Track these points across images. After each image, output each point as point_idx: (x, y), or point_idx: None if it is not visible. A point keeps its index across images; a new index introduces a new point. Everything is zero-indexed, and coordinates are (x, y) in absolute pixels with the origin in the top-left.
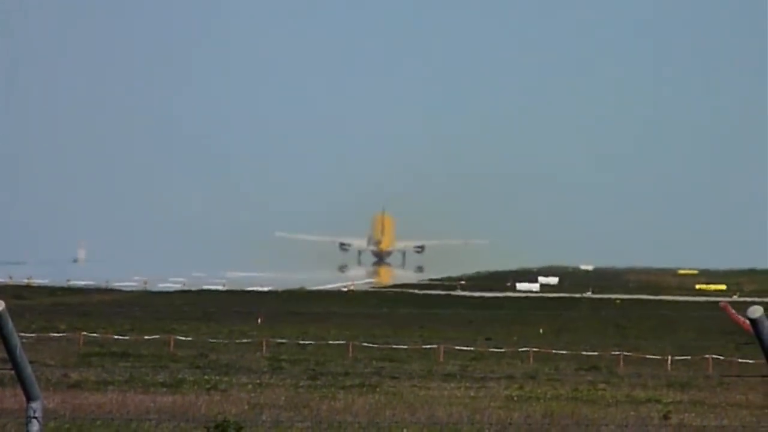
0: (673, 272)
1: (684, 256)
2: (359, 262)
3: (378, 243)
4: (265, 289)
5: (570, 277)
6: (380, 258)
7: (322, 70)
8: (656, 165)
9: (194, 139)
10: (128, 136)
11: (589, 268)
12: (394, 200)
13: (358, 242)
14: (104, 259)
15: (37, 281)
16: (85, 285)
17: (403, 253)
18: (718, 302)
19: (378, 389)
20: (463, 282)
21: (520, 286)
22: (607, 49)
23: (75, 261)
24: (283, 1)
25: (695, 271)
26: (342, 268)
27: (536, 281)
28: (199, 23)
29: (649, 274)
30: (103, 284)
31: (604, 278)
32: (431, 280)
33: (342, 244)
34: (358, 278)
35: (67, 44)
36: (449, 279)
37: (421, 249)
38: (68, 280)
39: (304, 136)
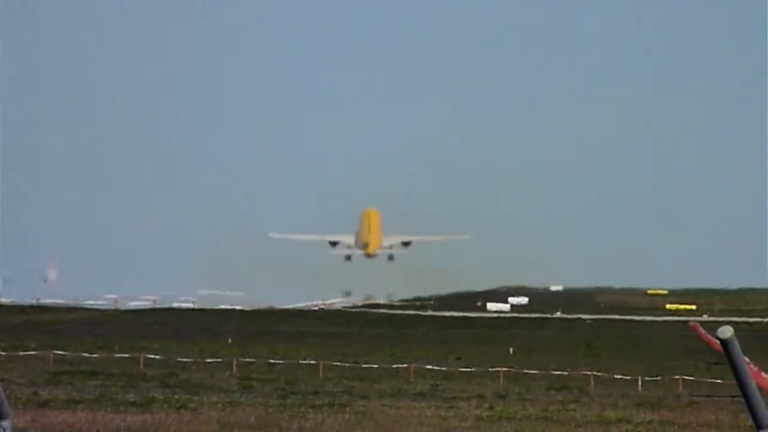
0: (642, 292)
1: (653, 277)
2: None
3: (365, 246)
4: (236, 307)
5: (540, 298)
6: (368, 256)
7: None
8: (624, 186)
9: (169, 148)
10: (98, 147)
11: (559, 288)
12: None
13: (347, 239)
14: (75, 277)
15: (6, 299)
16: (55, 303)
17: (390, 246)
18: (687, 322)
19: (348, 408)
20: (433, 302)
21: (490, 306)
22: (587, 66)
23: (45, 280)
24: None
25: (665, 291)
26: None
27: (506, 301)
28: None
29: (618, 294)
30: (73, 302)
31: (574, 298)
32: (402, 300)
33: (331, 242)
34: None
35: (31, 52)
36: (420, 299)
37: (408, 244)
38: (38, 299)
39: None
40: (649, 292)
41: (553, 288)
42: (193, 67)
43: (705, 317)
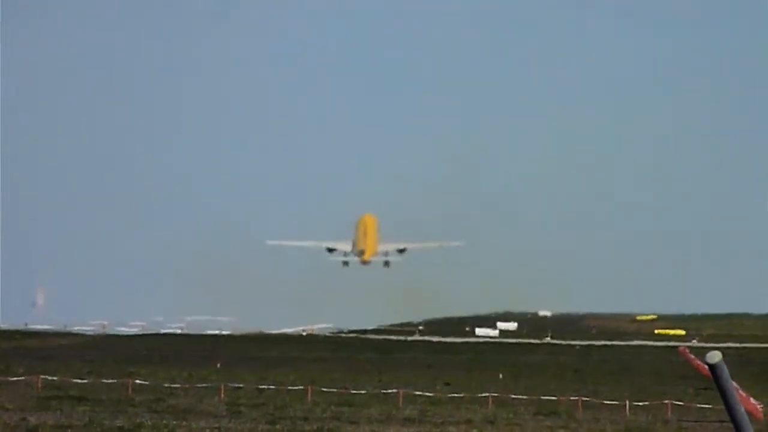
0: (631, 318)
1: (642, 302)
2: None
3: (361, 253)
4: (224, 332)
5: (529, 323)
6: (364, 263)
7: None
8: (613, 211)
9: (159, 168)
10: (86, 171)
11: (548, 313)
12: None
13: (344, 245)
14: (63, 303)
15: None
16: (43, 328)
17: (386, 253)
18: (676, 347)
19: None
20: (421, 327)
21: (479, 331)
22: (583, 86)
23: (33, 305)
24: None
25: (654, 317)
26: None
27: (495, 327)
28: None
29: (607, 320)
30: (61, 328)
31: (562, 324)
32: (391, 325)
33: (329, 249)
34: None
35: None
36: (408, 324)
37: (403, 251)
38: (26, 324)
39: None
40: (638, 317)
41: (542, 313)
42: (186, 76)
43: (694, 342)
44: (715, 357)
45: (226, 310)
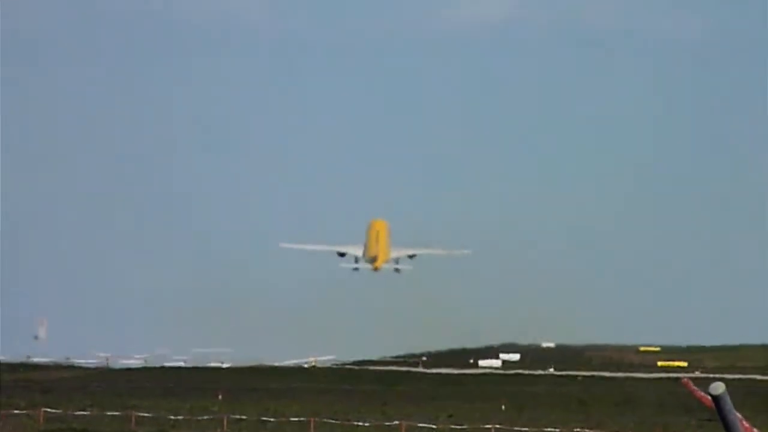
0: (634, 349)
1: (645, 333)
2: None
3: (373, 260)
4: (226, 365)
5: (531, 354)
6: (375, 270)
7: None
8: (616, 243)
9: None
10: (88, 202)
11: (551, 345)
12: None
13: (354, 249)
14: (65, 335)
15: None
16: (45, 361)
17: (397, 260)
18: (679, 379)
19: None
20: (425, 358)
21: (482, 362)
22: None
23: (35, 338)
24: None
25: (657, 348)
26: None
27: (498, 358)
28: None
29: (610, 351)
30: (63, 360)
31: (565, 355)
32: (394, 356)
33: (339, 253)
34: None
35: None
36: (411, 355)
37: (413, 257)
38: (28, 356)
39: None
40: (641, 348)
41: (545, 345)
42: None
43: (697, 374)
44: (718, 388)
45: (228, 342)
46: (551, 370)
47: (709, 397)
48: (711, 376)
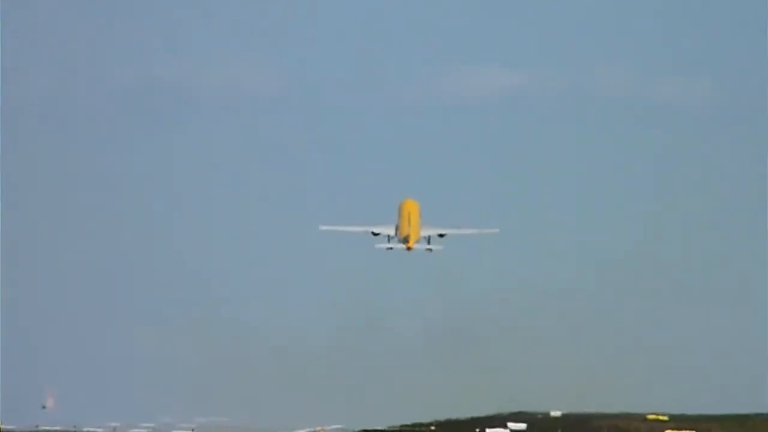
0: (642, 417)
1: (653, 401)
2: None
3: (406, 240)
4: None
5: (539, 423)
6: (408, 249)
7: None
8: (624, 310)
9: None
10: (94, 267)
11: (558, 414)
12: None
13: (387, 230)
14: (73, 404)
15: (7, 426)
16: (54, 430)
17: (428, 239)
18: None
19: None
20: (433, 427)
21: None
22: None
23: (43, 407)
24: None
25: (665, 417)
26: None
27: (505, 427)
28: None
29: (618, 419)
30: (71, 429)
31: (573, 424)
32: (402, 425)
33: (374, 233)
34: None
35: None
36: (420, 424)
37: (443, 236)
38: (37, 426)
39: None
40: (649, 416)
41: (553, 414)
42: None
43: None
44: None
45: (234, 410)
46: None
47: None
48: None
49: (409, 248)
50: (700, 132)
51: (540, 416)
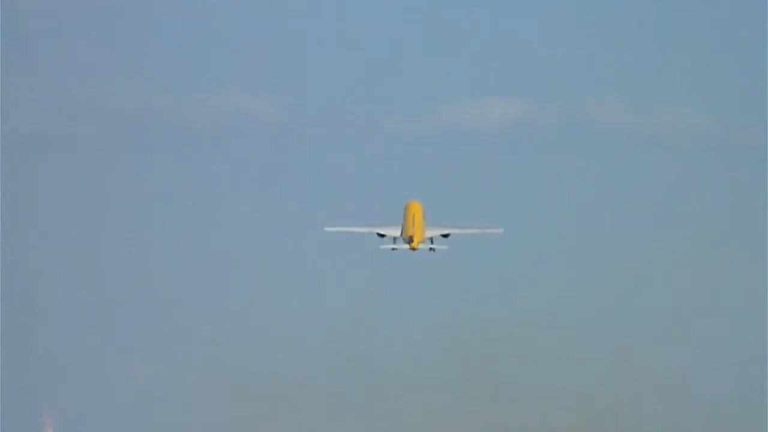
0: None
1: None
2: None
3: (410, 240)
4: None
5: None
6: (413, 249)
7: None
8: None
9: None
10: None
11: None
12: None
13: (393, 231)
14: None
15: None
16: None
17: (431, 239)
18: None
19: None
20: None
21: None
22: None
23: None
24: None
25: None
26: None
27: None
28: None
29: None
30: None
31: None
32: None
33: (379, 234)
34: None
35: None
36: None
37: (447, 236)
38: None
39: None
40: None
41: None
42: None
43: None
44: None
45: None
46: None
47: None
48: None
49: (413, 248)
50: (699, 164)
51: None
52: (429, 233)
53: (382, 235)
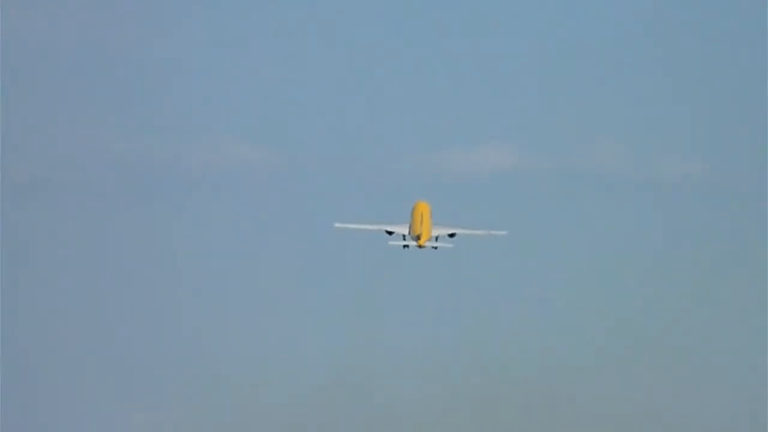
0: None
1: None
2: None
3: (417, 238)
4: None
5: None
6: (420, 247)
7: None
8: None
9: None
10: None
11: None
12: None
13: (401, 229)
14: None
15: None
16: None
17: (436, 238)
18: None
19: None
20: None
21: None
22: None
23: None
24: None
25: None
26: None
27: None
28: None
29: None
30: None
31: None
32: None
33: (388, 231)
34: None
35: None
36: None
37: (453, 235)
38: None
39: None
40: None
41: None
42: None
43: None
44: None
45: None
46: None
47: None
48: None
49: (420, 246)
50: (697, 209)
51: None
52: (435, 232)
53: (391, 233)
